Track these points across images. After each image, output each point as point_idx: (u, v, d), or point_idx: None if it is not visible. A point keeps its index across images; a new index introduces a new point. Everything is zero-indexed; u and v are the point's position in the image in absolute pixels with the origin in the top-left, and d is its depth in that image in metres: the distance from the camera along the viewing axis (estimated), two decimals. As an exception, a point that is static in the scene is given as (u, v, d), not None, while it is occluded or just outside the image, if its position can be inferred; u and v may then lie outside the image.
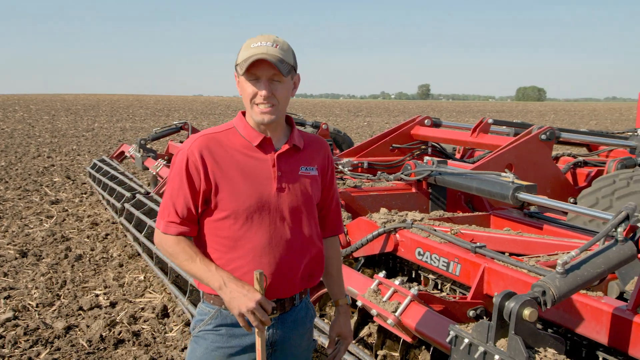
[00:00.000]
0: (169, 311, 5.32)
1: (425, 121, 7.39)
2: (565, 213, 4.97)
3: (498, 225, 4.62)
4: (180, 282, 4.96)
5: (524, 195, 4.17)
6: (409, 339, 3.07)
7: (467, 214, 4.74)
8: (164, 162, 8.30)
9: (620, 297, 3.11)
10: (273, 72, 2.16)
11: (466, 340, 2.41)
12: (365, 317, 3.83)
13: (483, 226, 4.49)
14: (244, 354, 2.28)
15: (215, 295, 2.27)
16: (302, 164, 2.32)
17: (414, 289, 3.07)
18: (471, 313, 3.28)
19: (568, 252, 3.45)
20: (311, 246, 2.36)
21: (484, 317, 3.29)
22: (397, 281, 3.22)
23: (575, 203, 5.37)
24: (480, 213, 4.85)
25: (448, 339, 2.50)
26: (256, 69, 2.15)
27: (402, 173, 5.22)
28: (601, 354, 2.90)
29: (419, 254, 3.84)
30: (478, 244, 3.47)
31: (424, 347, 3.96)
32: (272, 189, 2.23)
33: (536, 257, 3.48)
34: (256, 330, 2.16)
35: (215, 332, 2.30)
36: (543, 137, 5.65)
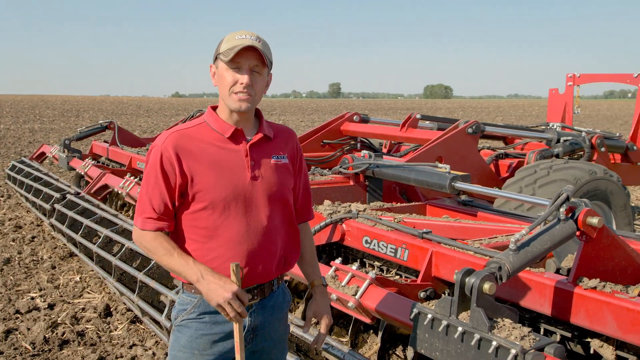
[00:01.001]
0: (111, 310, 5.27)
1: (354, 117, 7.64)
2: (492, 202, 5.32)
3: (434, 214, 4.89)
4: (125, 280, 4.94)
5: (460, 185, 4.44)
6: (368, 320, 3.24)
7: (404, 204, 4.98)
8: (92, 162, 8.15)
9: (557, 272, 3.40)
10: (255, 62, 2.26)
11: (429, 316, 2.60)
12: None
13: (420, 215, 4.75)
14: (228, 339, 2.36)
15: None
16: (273, 153, 2.42)
17: (372, 273, 3.25)
18: (422, 294, 3.49)
19: (507, 235, 3.75)
20: (286, 232, 2.48)
21: (433, 298, 3.52)
22: (354, 267, 3.39)
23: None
24: (416, 203, 5.10)
25: (412, 316, 2.68)
26: (240, 57, 2.24)
27: (340, 167, 5.41)
28: (543, 325, 3.18)
29: (366, 242, 4.03)
30: (424, 230, 3.69)
31: (371, 330, 4.17)
32: (246, 178, 2.33)
33: (478, 240, 3.73)
34: (233, 321, 2.23)
35: (198, 320, 2.37)
36: (469, 130, 5.98)
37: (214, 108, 2.42)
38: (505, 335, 2.35)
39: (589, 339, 2.97)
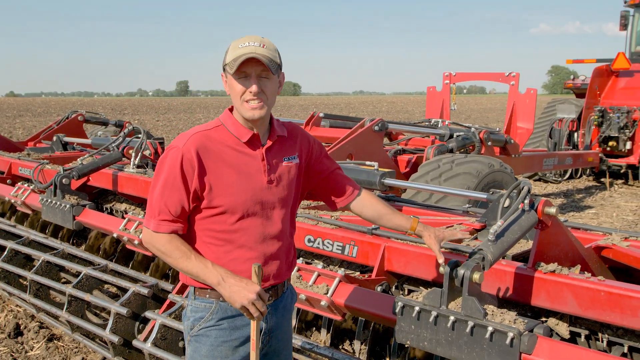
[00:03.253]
0: (22, 329, 4.91)
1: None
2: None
3: (358, 210, 5.04)
4: (42, 295, 4.63)
5: (389, 181, 4.63)
6: (339, 318, 3.32)
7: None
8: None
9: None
10: (262, 68, 2.27)
11: (417, 308, 2.73)
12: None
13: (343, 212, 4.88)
14: (248, 342, 2.36)
15: (211, 289, 2.33)
16: (285, 155, 2.46)
17: (341, 271, 3.33)
18: (378, 289, 3.62)
19: (447, 227, 3.97)
20: (292, 233, 2.55)
21: (389, 292, 3.66)
22: (319, 266, 3.45)
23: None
24: (338, 200, 5.22)
25: (397, 310, 2.80)
26: (246, 67, 2.25)
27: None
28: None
29: (309, 240, 4.09)
30: (373, 226, 3.82)
31: (314, 328, 4.25)
32: (263, 182, 2.36)
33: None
34: (254, 320, 2.26)
35: (217, 327, 2.35)
36: (376, 128, 6.23)
37: (231, 110, 2.41)
38: (500, 320, 2.54)
39: (544, 319, 3.25)
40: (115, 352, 3.72)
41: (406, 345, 3.03)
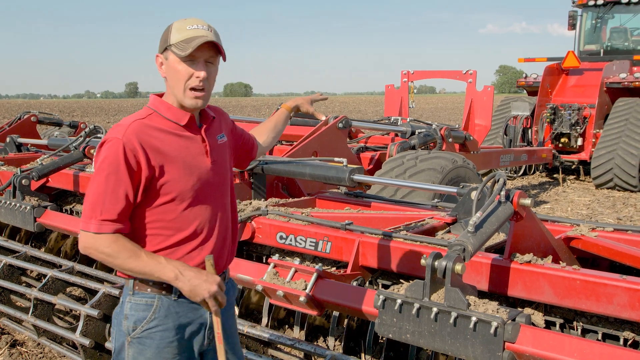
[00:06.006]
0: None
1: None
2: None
3: (326, 207, 5.02)
4: (4, 299, 4.47)
5: (358, 177, 4.62)
6: (315, 313, 3.29)
7: (296, 199, 5.06)
8: None
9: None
10: (210, 54, 2.23)
11: (399, 301, 2.74)
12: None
13: (312, 208, 4.86)
14: (194, 338, 2.32)
15: (154, 283, 2.23)
16: (217, 134, 2.42)
17: (318, 266, 3.30)
18: (354, 284, 3.62)
19: (419, 221, 3.99)
20: (235, 215, 2.51)
21: (363, 287, 3.66)
22: (296, 261, 3.42)
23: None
24: (306, 197, 5.20)
25: (378, 303, 2.80)
26: (196, 51, 2.18)
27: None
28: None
29: (281, 237, 4.06)
30: (346, 221, 3.82)
31: (286, 326, 4.22)
32: (208, 163, 2.31)
33: (395, 228, 3.92)
34: (214, 312, 2.21)
35: (162, 326, 2.25)
36: (340, 125, 6.22)
37: (160, 96, 2.33)
38: (483, 310, 2.56)
39: (519, 309, 3.30)
40: (86, 356, 3.61)
41: (388, 338, 3.02)
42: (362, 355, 3.69)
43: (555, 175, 12.65)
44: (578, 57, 12.59)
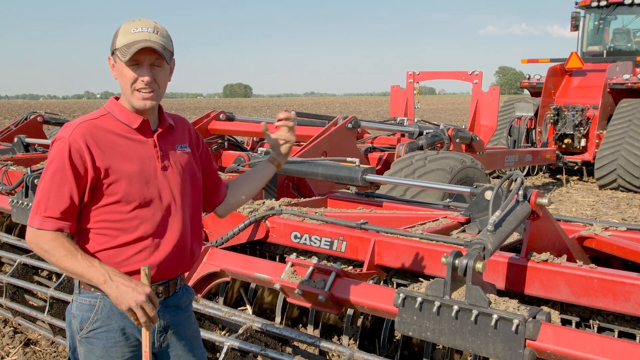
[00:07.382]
0: (-6, 334, 4.77)
1: (220, 116, 7.61)
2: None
3: (338, 207, 5.05)
4: (18, 299, 4.50)
5: (371, 177, 4.66)
6: (335, 312, 3.32)
7: (308, 199, 5.09)
8: None
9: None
10: (155, 57, 2.22)
11: (419, 299, 2.76)
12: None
13: (324, 208, 4.89)
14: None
15: None
16: (177, 143, 2.42)
17: (337, 264, 3.33)
18: (370, 282, 3.64)
19: (433, 221, 4.02)
20: (196, 223, 2.48)
21: (379, 285, 3.69)
22: (314, 260, 3.44)
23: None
24: (317, 197, 5.23)
25: (398, 301, 2.82)
26: (138, 55, 2.19)
27: (237, 165, 5.39)
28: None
29: (296, 237, 4.08)
30: (361, 221, 3.84)
31: (300, 325, 4.24)
32: (157, 168, 2.30)
33: (410, 227, 3.95)
34: (143, 326, 2.16)
35: (106, 327, 2.26)
36: (349, 125, 6.25)
37: (117, 98, 2.34)
38: (504, 308, 2.59)
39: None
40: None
41: (409, 336, 3.04)
42: (377, 354, 3.72)
43: (558, 176, 12.69)
44: (581, 58, 12.62)
